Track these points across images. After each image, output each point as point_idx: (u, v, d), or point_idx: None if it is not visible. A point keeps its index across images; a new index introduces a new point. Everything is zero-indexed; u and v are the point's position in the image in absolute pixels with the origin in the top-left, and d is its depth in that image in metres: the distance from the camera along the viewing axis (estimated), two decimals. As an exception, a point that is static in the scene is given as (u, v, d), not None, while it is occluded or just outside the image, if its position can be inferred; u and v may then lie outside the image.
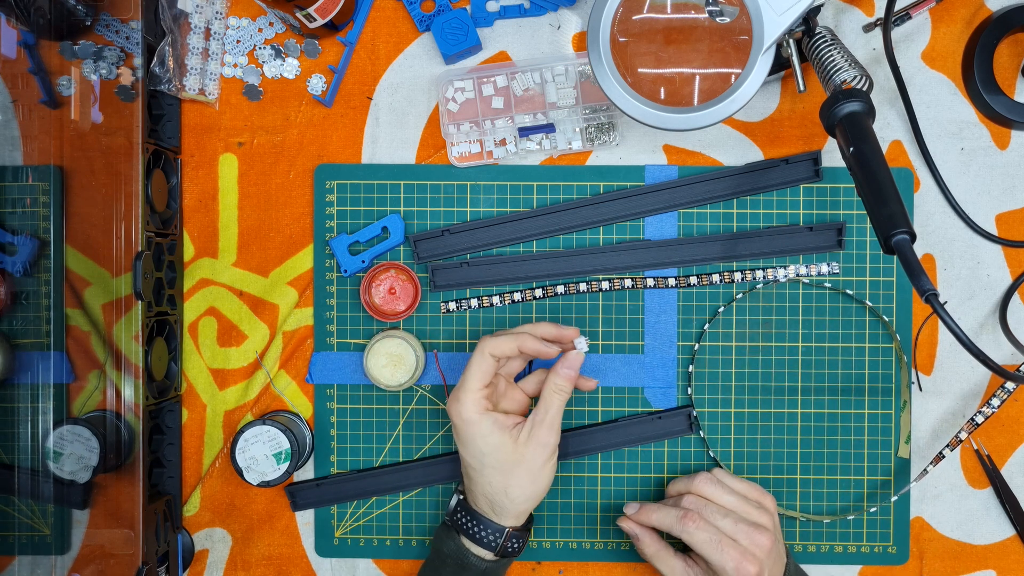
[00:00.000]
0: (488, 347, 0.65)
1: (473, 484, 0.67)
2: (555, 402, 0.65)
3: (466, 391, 0.65)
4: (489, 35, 0.74)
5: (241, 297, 0.75)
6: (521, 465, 0.65)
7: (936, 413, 0.74)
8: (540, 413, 0.65)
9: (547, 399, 0.65)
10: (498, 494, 0.65)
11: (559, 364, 0.66)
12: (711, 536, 0.64)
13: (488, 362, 0.65)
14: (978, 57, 0.72)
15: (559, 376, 0.66)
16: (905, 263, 0.54)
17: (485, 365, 0.65)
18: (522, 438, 0.65)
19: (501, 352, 0.65)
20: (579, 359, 0.66)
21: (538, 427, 0.65)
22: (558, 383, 0.66)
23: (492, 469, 0.65)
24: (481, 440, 0.64)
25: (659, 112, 0.62)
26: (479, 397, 0.65)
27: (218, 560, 0.76)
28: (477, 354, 0.65)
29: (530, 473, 0.65)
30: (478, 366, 0.65)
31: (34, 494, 0.70)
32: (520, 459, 0.65)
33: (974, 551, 0.74)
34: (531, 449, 0.64)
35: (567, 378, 0.66)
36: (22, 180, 0.71)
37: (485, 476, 0.65)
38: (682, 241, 0.74)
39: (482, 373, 0.65)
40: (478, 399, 0.65)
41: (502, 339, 0.65)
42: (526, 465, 0.65)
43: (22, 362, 0.72)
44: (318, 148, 0.75)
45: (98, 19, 0.72)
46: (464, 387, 0.65)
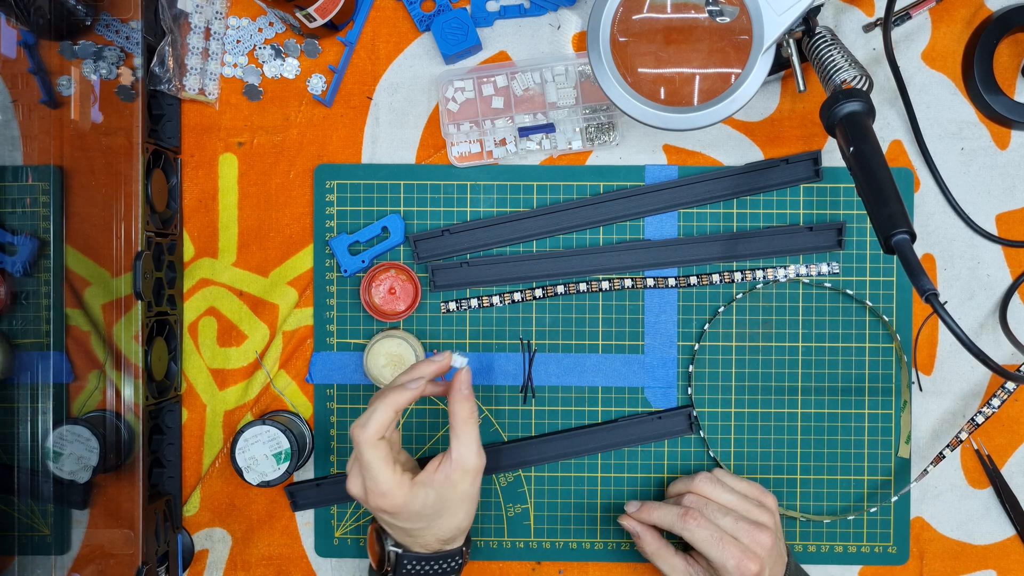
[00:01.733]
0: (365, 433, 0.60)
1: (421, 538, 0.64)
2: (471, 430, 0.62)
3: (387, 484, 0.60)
4: (489, 35, 0.74)
5: (241, 297, 0.75)
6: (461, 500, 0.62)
7: (936, 413, 0.74)
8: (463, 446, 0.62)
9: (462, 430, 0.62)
10: (452, 532, 0.64)
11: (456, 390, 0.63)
12: (712, 534, 0.64)
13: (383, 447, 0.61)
14: (978, 57, 0.72)
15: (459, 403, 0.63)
16: (905, 263, 0.54)
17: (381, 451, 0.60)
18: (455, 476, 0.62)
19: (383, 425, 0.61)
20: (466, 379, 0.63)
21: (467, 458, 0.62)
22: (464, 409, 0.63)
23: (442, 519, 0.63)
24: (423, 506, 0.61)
25: (659, 112, 0.62)
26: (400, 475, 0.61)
27: (218, 560, 0.76)
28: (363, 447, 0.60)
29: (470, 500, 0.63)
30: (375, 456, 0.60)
31: (34, 494, 0.70)
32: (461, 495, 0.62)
33: (974, 551, 0.74)
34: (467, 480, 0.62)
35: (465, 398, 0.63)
36: (22, 180, 0.71)
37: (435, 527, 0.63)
38: (682, 241, 0.74)
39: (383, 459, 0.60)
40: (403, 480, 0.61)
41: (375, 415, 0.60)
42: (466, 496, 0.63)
43: (22, 362, 0.72)
44: (318, 148, 0.75)
45: (98, 19, 0.72)
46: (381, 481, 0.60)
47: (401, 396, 0.61)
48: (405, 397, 0.61)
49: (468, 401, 0.63)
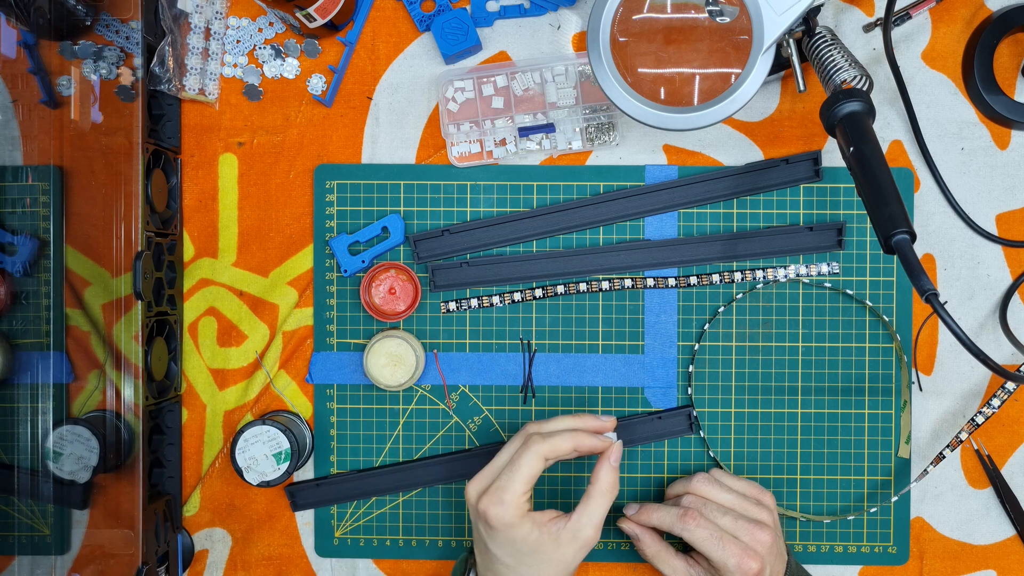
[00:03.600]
0: (544, 450, 0.61)
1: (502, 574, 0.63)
2: (604, 503, 0.62)
3: (512, 493, 0.60)
4: (489, 35, 0.74)
5: (241, 297, 0.75)
6: (559, 563, 0.62)
7: (936, 413, 0.74)
8: (588, 514, 0.61)
9: (596, 500, 0.62)
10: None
11: (607, 460, 0.63)
12: (712, 533, 0.64)
13: (540, 465, 0.61)
14: (978, 57, 0.72)
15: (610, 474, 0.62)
16: (905, 263, 0.54)
17: (537, 467, 0.61)
18: (564, 537, 0.61)
19: (557, 456, 0.62)
20: (620, 449, 0.64)
21: (585, 528, 0.61)
22: (611, 481, 0.62)
23: (528, 568, 0.62)
24: (522, 542, 0.61)
25: (659, 112, 0.62)
26: (524, 500, 0.61)
27: (218, 560, 0.76)
28: (530, 454, 0.61)
29: (566, 570, 0.62)
30: (529, 468, 0.61)
31: (34, 494, 0.70)
32: (560, 557, 0.61)
33: (974, 551, 0.74)
34: (574, 549, 0.61)
35: (616, 473, 0.63)
36: (22, 180, 0.71)
37: (519, 573, 0.62)
38: (682, 241, 0.74)
39: (531, 476, 0.61)
40: (523, 502, 0.61)
41: (558, 440, 0.62)
42: (565, 563, 0.62)
43: (22, 362, 0.72)
44: (318, 148, 0.75)
45: (98, 19, 0.72)
46: (510, 488, 0.60)
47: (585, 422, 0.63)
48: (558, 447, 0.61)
49: (614, 473, 0.62)
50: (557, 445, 0.61)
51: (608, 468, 0.62)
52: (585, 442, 0.62)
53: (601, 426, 0.64)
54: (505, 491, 0.61)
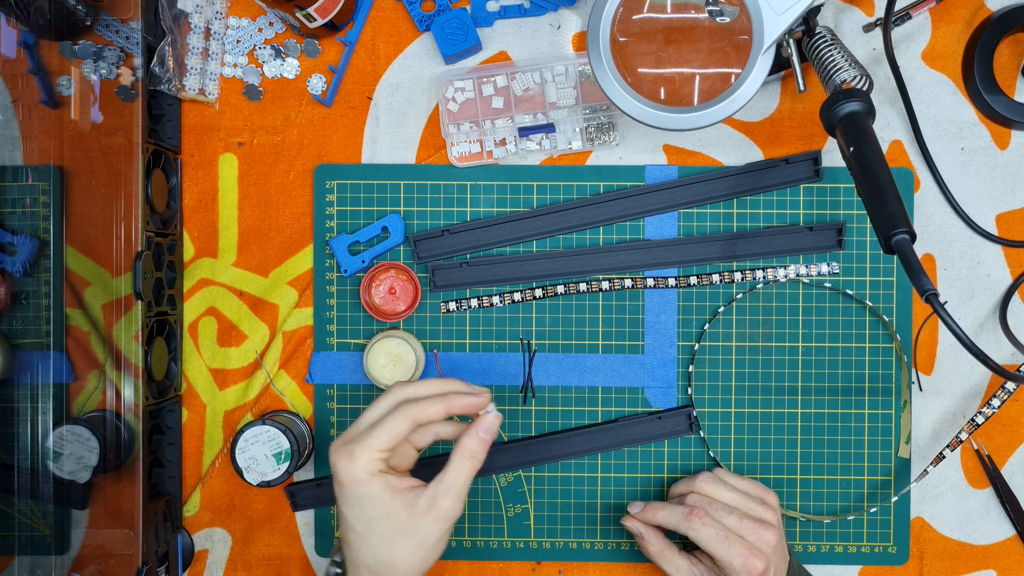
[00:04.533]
0: (412, 412, 0.57)
1: (354, 552, 0.58)
2: (466, 469, 0.57)
3: (367, 448, 0.56)
4: (489, 35, 0.74)
5: (241, 297, 0.75)
6: (414, 536, 0.56)
7: (936, 413, 0.74)
8: (447, 482, 0.56)
9: (456, 466, 0.57)
10: (383, 566, 0.57)
11: (475, 428, 0.58)
12: (717, 532, 0.64)
13: (406, 427, 0.57)
14: (978, 57, 0.72)
15: (475, 440, 0.58)
16: (905, 263, 0.54)
17: (401, 428, 0.57)
18: (420, 506, 0.56)
19: (427, 418, 0.57)
20: (496, 423, 0.59)
21: (443, 497, 0.56)
22: (473, 448, 0.57)
23: (379, 537, 0.56)
24: (370, 504, 0.56)
25: (659, 112, 0.62)
26: (378, 458, 0.56)
27: (218, 560, 0.76)
28: (398, 415, 0.57)
29: (423, 547, 0.56)
30: (392, 428, 0.56)
31: (34, 494, 0.70)
32: (414, 529, 0.56)
33: (974, 551, 0.74)
34: (429, 520, 0.56)
35: (483, 443, 0.58)
36: (22, 180, 0.71)
37: (371, 545, 0.57)
38: (682, 241, 0.74)
39: (393, 436, 0.56)
40: (376, 460, 0.56)
41: (428, 404, 0.57)
42: (419, 537, 0.56)
43: (22, 362, 0.72)
44: (318, 148, 0.75)
45: (98, 19, 0.72)
46: (366, 443, 0.56)
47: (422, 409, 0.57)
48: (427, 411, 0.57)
49: (479, 442, 0.58)
50: (426, 408, 0.57)
51: (474, 434, 0.58)
52: (456, 403, 0.58)
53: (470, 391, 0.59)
54: (358, 444, 0.56)
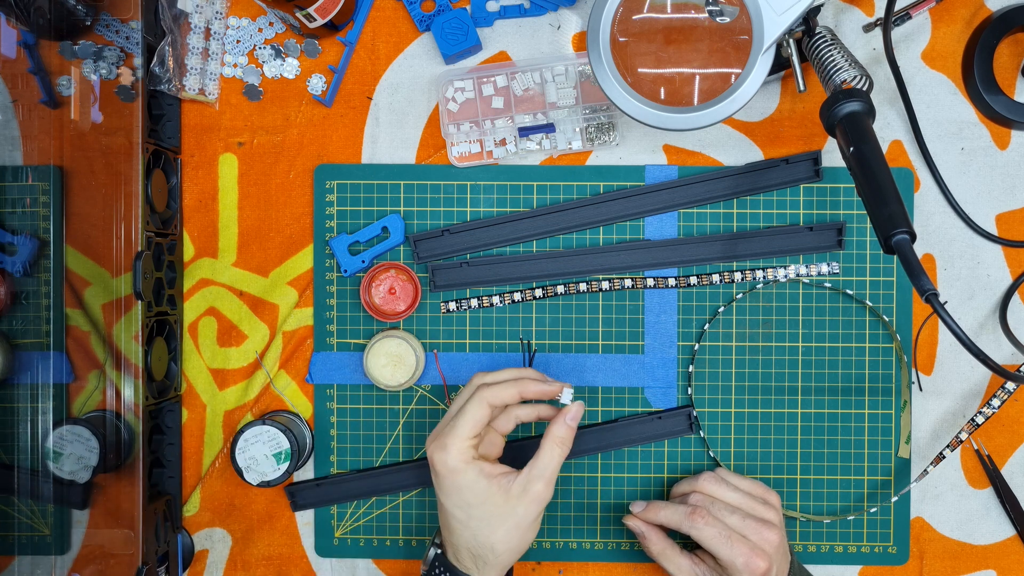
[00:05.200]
0: (488, 396, 0.61)
1: (455, 536, 0.62)
2: (556, 455, 0.61)
3: (455, 437, 0.61)
4: (489, 35, 0.74)
5: (241, 297, 0.75)
6: (511, 519, 0.60)
7: (936, 413, 0.74)
8: (539, 467, 0.61)
9: (547, 452, 0.61)
10: (483, 548, 0.61)
11: (563, 415, 0.63)
12: (720, 532, 0.64)
13: (485, 411, 0.61)
14: (978, 57, 0.72)
15: (564, 427, 0.62)
16: (905, 263, 0.54)
17: (481, 413, 0.61)
18: (515, 491, 0.60)
19: (501, 400, 0.62)
20: (581, 410, 0.63)
21: (535, 481, 0.60)
22: (561, 435, 0.62)
23: (479, 522, 0.61)
24: (468, 491, 0.60)
25: (659, 112, 0.62)
26: (468, 446, 0.61)
27: (218, 560, 0.76)
28: (474, 401, 0.61)
29: (519, 529, 0.61)
30: (473, 414, 0.61)
31: (34, 494, 0.70)
32: (510, 512, 0.60)
33: (974, 551, 0.74)
34: (524, 504, 0.60)
35: (571, 430, 0.62)
36: (22, 180, 0.71)
37: (471, 529, 0.61)
38: (682, 241, 0.74)
39: (475, 422, 0.61)
40: (466, 447, 0.61)
41: (501, 388, 0.62)
42: (516, 520, 0.60)
43: (22, 362, 0.72)
44: (318, 148, 0.75)
45: (98, 19, 0.72)
46: (454, 433, 0.61)
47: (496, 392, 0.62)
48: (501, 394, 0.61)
49: (567, 428, 0.62)
50: (500, 392, 0.62)
51: (562, 422, 0.62)
52: (529, 388, 0.62)
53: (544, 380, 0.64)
54: (448, 436, 0.61)
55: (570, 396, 0.64)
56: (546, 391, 0.63)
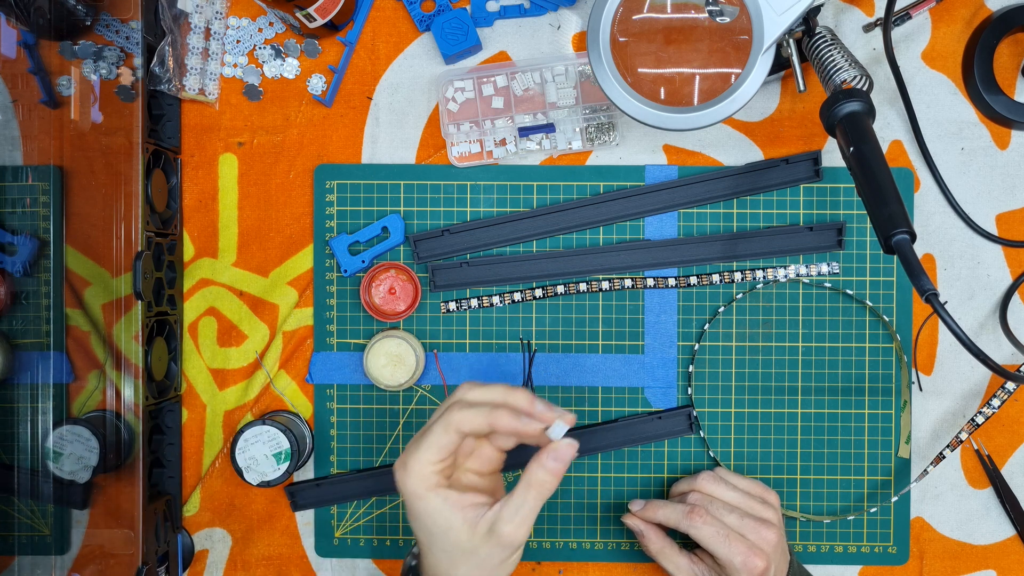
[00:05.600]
0: (455, 420, 0.54)
1: (423, 558, 0.57)
2: (530, 499, 0.53)
3: (417, 461, 0.53)
4: (489, 35, 0.74)
5: (241, 297, 0.75)
6: (473, 558, 0.53)
7: (936, 413, 0.74)
8: (510, 509, 0.53)
9: (522, 494, 0.53)
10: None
11: (545, 455, 0.53)
12: (718, 531, 0.64)
13: (450, 437, 0.54)
14: (978, 57, 0.72)
15: (544, 470, 0.53)
16: (905, 263, 0.54)
17: (446, 439, 0.54)
18: (480, 528, 0.53)
19: (470, 428, 0.54)
20: (570, 451, 0.54)
21: (504, 524, 0.52)
22: (541, 477, 0.53)
23: (441, 552, 0.54)
24: (428, 519, 0.53)
25: (659, 112, 0.62)
26: (431, 471, 0.53)
27: (218, 560, 0.76)
28: (440, 424, 0.54)
29: (482, 569, 0.54)
30: (437, 438, 0.54)
31: (34, 494, 0.70)
32: (473, 551, 0.53)
33: (974, 551, 0.74)
34: (489, 545, 0.53)
35: (553, 473, 0.53)
36: (22, 180, 0.71)
37: (433, 556, 0.55)
38: (682, 241, 0.74)
39: (439, 448, 0.54)
40: (428, 473, 0.53)
41: (472, 414, 0.54)
42: (478, 560, 0.53)
43: (22, 362, 0.72)
44: (318, 148, 0.75)
45: (98, 19, 0.72)
46: (414, 456, 0.54)
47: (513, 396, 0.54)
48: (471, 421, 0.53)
49: (547, 472, 0.53)
50: (469, 418, 0.54)
51: (541, 463, 0.53)
52: (502, 422, 0.53)
53: (534, 412, 0.54)
54: (410, 456, 0.54)
55: (562, 431, 0.54)
56: (520, 430, 0.54)
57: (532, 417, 0.54)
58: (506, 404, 0.55)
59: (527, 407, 0.55)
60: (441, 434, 0.54)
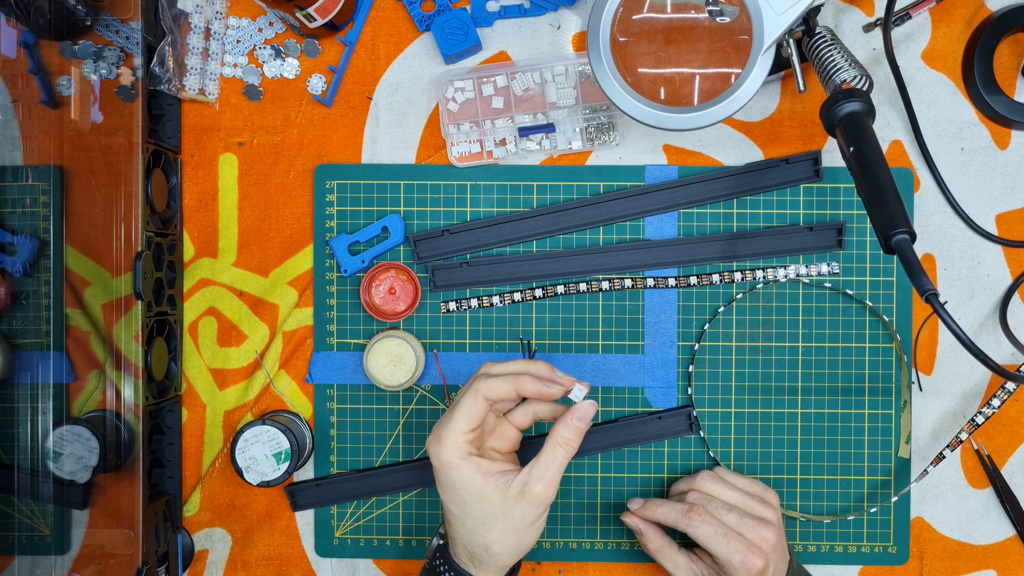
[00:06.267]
0: (483, 389, 0.59)
1: (453, 531, 0.61)
2: (559, 457, 0.58)
3: (450, 431, 0.58)
4: (489, 35, 0.74)
5: (241, 297, 0.75)
6: (507, 520, 0.58)
7: (936, 413, 0.74)
8: (540, 468, 0.58)
9: (550, 453, 0.58)
10: (477, 547, 0.60)
11: (569, 415, 0.59)
12: (717, 530, 0.64)
13: (480, 405, 0.59)
14: (978, 57, 0.72)
15: (568, 428, 0.59)
16: (905, 263, 0.54)
17: (476, 407, 0.59)
18: (512, 491, 0.58)
19: (497, 395, 0.59)
20: (592, 410, 0.59)
21: (535, 483, 0.58)
22: (566, 436, 0.58)
23: (474, 519, 0.59)
24: (462, 487, 0.58)
25: (659, 112, 0.62)
26: (463, 440, 0.58)
27: (218, 560, 0.76)
28: (470, 393, 0.59)
29: (515, 530, 0.58)
30: (468, 407, 0.59)
31: (34, 494, 0.70)
32: (507, 513, 0.58)
33: (974, 551, 0.74)
34: (522, 506, 0.58)
35: (577, 431, 0.59)
36: (22, 180, 0.71)
37: (466, 526, 0.59)
38: (682, 241, 0.74)
39: (471, 416, 0.59)
40: (461, 442, 0.58)
41: (498, 381, 0.59)
42: (512, 521, 0.58)
43: (22, 362, 0.72)
44: (318, 148, 0.75)
45: (98, 19, 0.72)
46: (448, 427, 0.59)
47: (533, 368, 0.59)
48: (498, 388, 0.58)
49: (572, 430, 0.58)
50: (496, 386, 0.59)
51: (567, 422, 0.59)
52: (527, 386, 0.58)
53: (555, 377, 0.60)
54: (443, 428, 0.59)
55: (582, 394, 0.60)
56: (544, 392, 0.59)
57: (554, 382, 0.59)
58: (528, 372, 0.60)
59: (548, 374, 0.60)
60: (471, 403, 0.59)
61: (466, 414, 0.59)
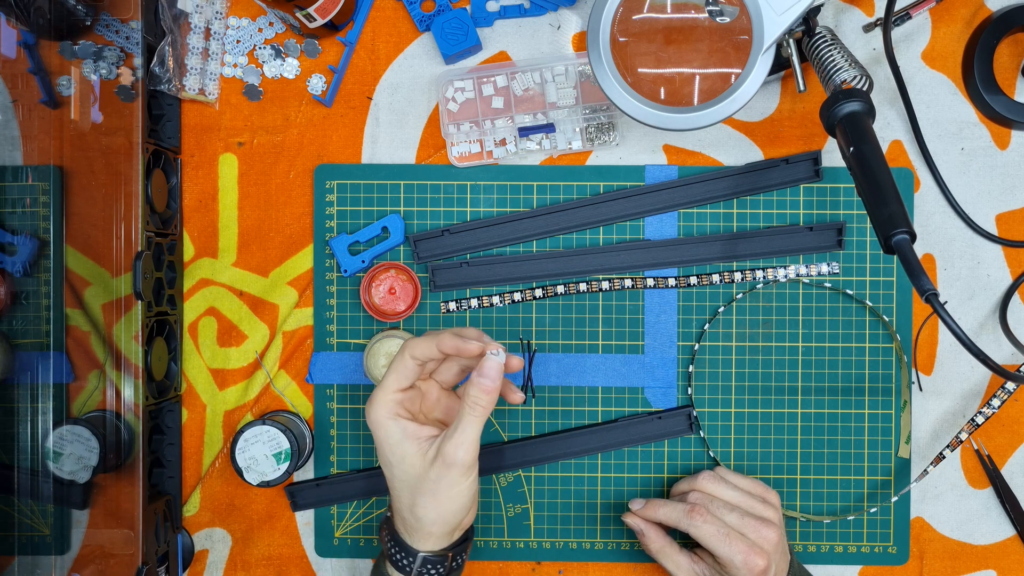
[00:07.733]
0: (408, 347, 0.60)
1: (391, 499, 0.62)
2: (466, 417, 0.58)
3: (380, 390, 0.60)
4: (489, 35, 0.74)
5: (241, 297, 0.75)
6: (427, 484, 0.59)
7: (936, 413, 0.74)
8: (452, 428, 0.58)
9: (465, 418, 0.58)
10: (407, 512, 0.60)
11: (475, 372, 0.59)
12: (719, 529, 0.64)
13: (408, 364, 0.60)
14: (978, 57, 0.72)
15: (476, 387, 0.58)
16: (905, 263, 0.54)
17: (403, 366, 0.60)
18: (430, 454, 0.59)
19: (421, 352, 0.60)
20: (496, 367, 0.58)
21: (445, 443, 0.58)
22: (474, 395, 0.58)
23: (402, 483, 0.60)
24: (388, 448, 0.60)
25: (659, 112, 0.62)
26: (391, 400, 0.60)
27: (218, 560, 0.76)
28: (398, 356, 0.61)
29: (436, 496, 0.59)
30: (396, 366, 0.60)
31: (34, 494, 0.70)
32: (427, 477, 0.58)
33: (974, 551, 0.74)
34: (437, 468, 0.58)
35: (483, 389, 0.58)
36: (22, 180, 0.71)
37: (396, 490, 0.61)
38: (682, 241, 0.74)
39: (398, 375, 0.60)
40: (390, 401, 0.60)
41: (422, 339, 0.60)
42: (431, 485, 0.58)
43: (22, 362, 0.72)
44: (318, 148, 0.75)
45: (98, 19, 0.72)
46: (380, 387, 0.60)
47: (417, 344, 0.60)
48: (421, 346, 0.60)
49: (481, 389, 0.58)
50: (420, 343, 0.60)
51: (474, 382, 0.58)
52: (447, 341, 0.59)
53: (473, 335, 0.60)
54: (377, 389, 0.61)
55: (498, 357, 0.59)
56: (461, 348, 0.59)
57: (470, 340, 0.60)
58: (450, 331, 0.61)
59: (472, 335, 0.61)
60: (399, 363, 0.60)
61: (393, 372, 0.60)
